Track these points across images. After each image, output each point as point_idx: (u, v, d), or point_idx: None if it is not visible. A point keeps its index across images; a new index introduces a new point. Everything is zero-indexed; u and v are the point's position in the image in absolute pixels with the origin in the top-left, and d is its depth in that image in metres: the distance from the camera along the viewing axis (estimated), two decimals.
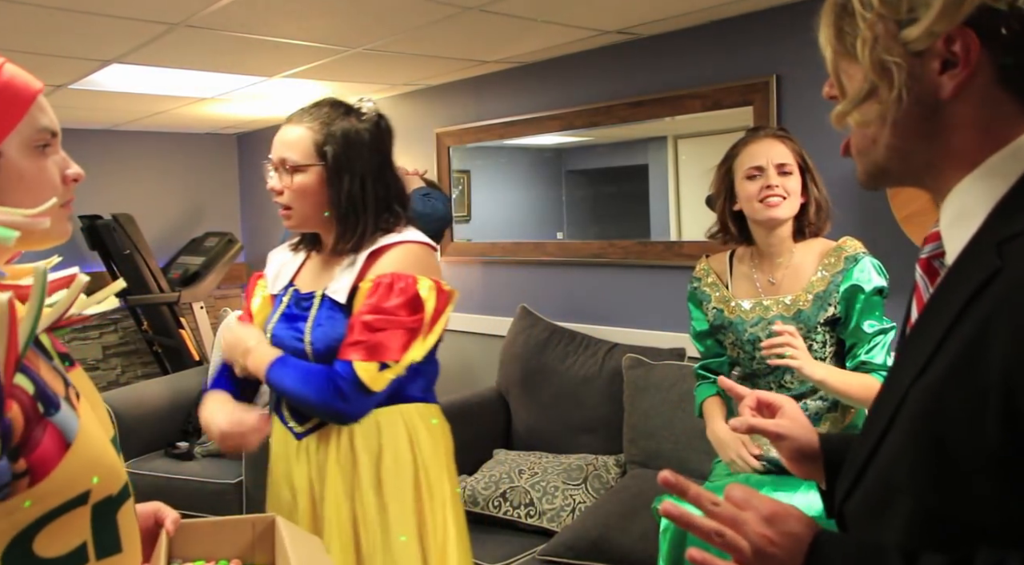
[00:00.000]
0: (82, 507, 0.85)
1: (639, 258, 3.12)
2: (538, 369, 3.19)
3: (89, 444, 0.86)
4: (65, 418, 0.84)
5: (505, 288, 3.68)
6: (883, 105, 0.76)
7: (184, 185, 5.35)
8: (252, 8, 2.42)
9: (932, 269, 0.88)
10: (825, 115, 0.88)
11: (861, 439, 0.82)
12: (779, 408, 1.10)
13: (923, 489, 0.70)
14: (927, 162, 0.78)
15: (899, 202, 2.31)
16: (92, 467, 0.86)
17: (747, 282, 1.98)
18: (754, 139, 1.92)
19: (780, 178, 1.86)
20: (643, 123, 3.10)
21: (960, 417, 0.67)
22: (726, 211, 1.98)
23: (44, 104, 0.92)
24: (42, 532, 0.82)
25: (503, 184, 3.97)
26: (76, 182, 0.97)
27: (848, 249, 1.90)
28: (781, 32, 2.65)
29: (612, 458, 2.86)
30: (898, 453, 0.73)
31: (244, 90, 3.72)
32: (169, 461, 3.46)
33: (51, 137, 0.93)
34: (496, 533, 2.67)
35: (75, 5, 2.32)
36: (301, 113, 1.67)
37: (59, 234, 0.95)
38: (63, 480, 0.82)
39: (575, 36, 2.96)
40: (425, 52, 3.12)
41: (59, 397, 0.85)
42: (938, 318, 0.74)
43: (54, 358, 0.92)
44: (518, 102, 3.51)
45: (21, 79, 0.90)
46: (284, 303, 1.72)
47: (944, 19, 0.70)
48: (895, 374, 0.80)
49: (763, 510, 0.79)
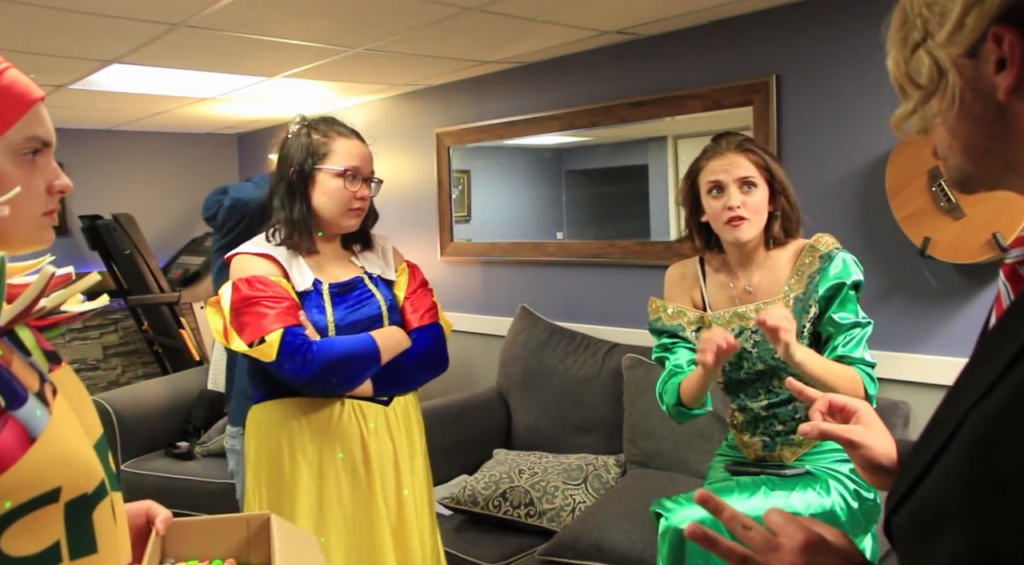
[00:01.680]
0: (53, 505, 0.84)
1: (639, 258, 3.12)
2: (538, 369, 3.19)
3: (59, 441, 0.85)
4: (30, 413, 0.83)
5: (505, 288, 3.68)
6: (942, 109, 0.73)
7: (184, 185, 5.35)
8: (252, 8, 2.42)
9: (1018, 276, 0.83)
10: (825, 115, 0.87)
11: (915, 452, 0.76)
12: (853, 413, 1.02)
13: (975, 527, 0.63)
14: (1004, 164, 0.74)
15: (899, 202, 2.31)
16: (61, 464, 0.84)
17: (723, 291, 1.92)
18: (715, 154, 1.84)
19: (743, 195, 1.79)
20: (643, 123, 3.10)
21: (1018, 454, 0.60)
22: (692, 222, 1.93)
23: (42, 114, 0.93)
24: (9, 529, 0.81)
25: (503, 184, 3.97)
26: (62, 193, 0.98)
27: (821, 247, 1.84)
28: (781, 32, 2.65)
29: (612, 458, 2.86)
30: (951, 479, 0.67)
31: (244, 90, 3.72)
32: (169, 461, 3.46)
33: (42, 146, 0.93)
34: (496, 533, 2.67)
35: (75, 5, 2.32)
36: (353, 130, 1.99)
37: (40, 240, 0.96)
38: (26, 476, 0.81)
39: (575, 36, 2.95)
40: (425, 52, 3.12)
41: (27, 392, 0.84)
42: (1012, 335, 0.67)
43: (32, 354, 0.92)
44: (518, 102, 3.51)
45: (21, 86, 0.91)
46: (326, 295, 1.91)
47: (982, 20, 0.67)
48: (959, 389, 0.72)
49: (798, 538, 0.76)
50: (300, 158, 1.89)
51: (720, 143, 1.87)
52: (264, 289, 1.81)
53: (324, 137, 1.91)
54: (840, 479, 1.77)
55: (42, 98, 0.93)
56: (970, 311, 2.32)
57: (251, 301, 1.79)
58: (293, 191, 1.90)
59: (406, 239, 4.21)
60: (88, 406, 0.98)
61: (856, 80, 2.48)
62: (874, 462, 0.96)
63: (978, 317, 2.30)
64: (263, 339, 1.77)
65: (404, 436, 1.96)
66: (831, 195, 2.58)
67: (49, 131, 0.94)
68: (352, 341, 1.87)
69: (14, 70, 0.91)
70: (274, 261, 1.88)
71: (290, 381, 1.81)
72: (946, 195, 2.21)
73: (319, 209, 1.91)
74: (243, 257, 1.89)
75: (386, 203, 3.97)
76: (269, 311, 1.79)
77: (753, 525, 0.79)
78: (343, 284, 1.94)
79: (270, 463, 1.88)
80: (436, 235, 3.98)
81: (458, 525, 2.75)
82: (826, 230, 2.53)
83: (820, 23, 2.55)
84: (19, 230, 0.92)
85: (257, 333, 1.77)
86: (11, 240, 0.93)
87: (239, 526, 1.16)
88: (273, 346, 1.76)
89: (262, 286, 1.81)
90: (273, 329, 1.77)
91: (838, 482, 1.76)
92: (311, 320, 1.87)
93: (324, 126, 1.94)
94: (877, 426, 0.99)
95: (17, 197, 0.89)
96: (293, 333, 1.79)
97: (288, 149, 1.93)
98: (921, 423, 2.42)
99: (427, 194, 4.02)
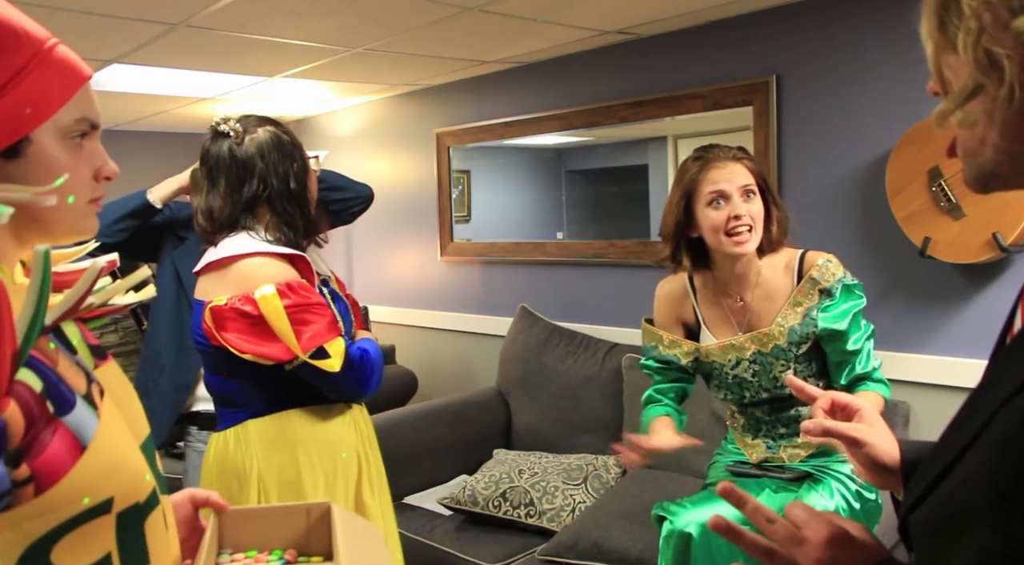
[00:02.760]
0: (105, 516, 0.78)
1: (639, 258, 3.12)
2: (538, 369, 3.19)
3: (109, 447, 0.79)
4: (80, 418, 0.77)
5: (505, 288, 3.68)
6: (992, 102, 0.67)
7: None
8: (252, 8, 2.42)
9: None
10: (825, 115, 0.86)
11: (937, 450, 0.75)
12: (855, 411, 1.00)
13: (1006, 524, 0.62)
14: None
15: (899, 202, 2.31)
16: (112, 472, 0.79)
17: (717, 308, 1.89)
18: (715, 164, 1.78)
19: (745, 204, 1.75)
20: (643, 123, 3.10)
21: None
22: (680, 239, 1.83)
23: (91, 94, 0.86)
24: (60, 542, 0.75)
25: (503, 184, 3.97)
26: (109, 180, 0.91)
27: (821, 279, 1.76)
28: (781, 32, 2.65)
29: (612, 458, 2.86)
30: (980, 474, 0.66)
31: (244, 90, 3.72)
32: (169, 461, 3.45)
33: (90, 129, 0.86)
34: (496, 533, 2.67)
35: (75, 5, 2.32)
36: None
37: (84, 229, 0.89)
38: (76, 487, 0.75)
39: (575, 36, 2.95)
40: (425, 52, 3.12)
41: (76, 395, 0.78)
42: None
43: (79, 352, 0.85)
44: (518, 102, 3.51)
45: (72, 62, 0.83)
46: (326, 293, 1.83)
47: None
48: (987, 388, 0.71)
49: (823, 533, 0.75)
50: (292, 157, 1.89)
51: (715, 154, 1.80)
52: (307, 295, 1.69)
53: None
54: (842, 480, 1.77)
55: (90, 76, 0.87)
56: (970, 311, 2.32)
57: (302, 308, 1.66)
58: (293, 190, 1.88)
59: (406, 239, 4.21)
60: (133, 404, 0.93)
61: (856, 80, 2.48)
62: (877, 461, 0.95)
63: (978, 317, 2.30)
64: (322, 348, 1.67)
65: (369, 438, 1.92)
66: (831, 195, 2.58)
67: (97, 112, 0.87)
68: (372, 343, 1.84)
69: (64, 46, 0.83)
70: (308, 262, 1.80)
71: (349, 391, 1.77)
72: (946, 195, 2.21)
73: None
74: (267, 259, 1.73)
75: (386, 203, 3.98)
76: (320, 319, 1.68)
77: (777, 518, 0.78)
78: (324, 280, 1.89)
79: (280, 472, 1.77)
80: (436, 235, 3.98)
81: (458, 525, 2.75)
82: (826, 230, 2.54)
83: (820, 23, 2.55)
84: (64, 219, 0.86)
85: (316, 342, 1.66)
86: (55, 229, 0.86)
87: (299, 515, 1.10)
88: (339, 356, 1.69)
89: (305, 293, 1.70)
90: (330, 340, 1.69)
91: (840, 483, 1.76)
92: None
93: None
94: (879, 425, 0.98)
95: (64, 185, 0.82)
96: (350, 345, 1.74)
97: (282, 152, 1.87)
98: (921, 423, 2.43)
99: (427, 194, 4.02)
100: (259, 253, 1.72)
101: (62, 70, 0.82)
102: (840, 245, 2.26)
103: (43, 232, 0.85)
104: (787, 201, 2.64)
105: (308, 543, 1.07)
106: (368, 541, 1.08)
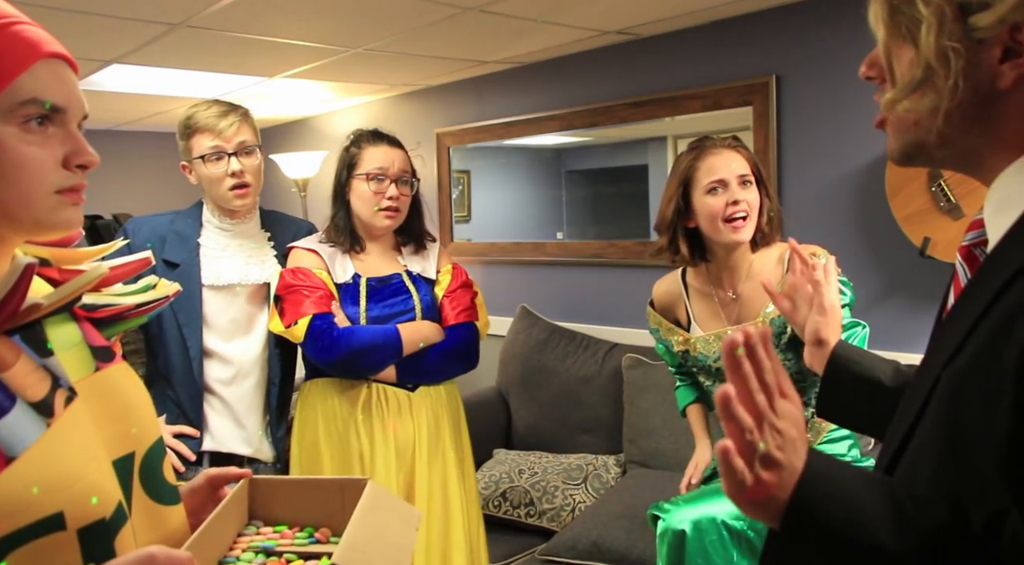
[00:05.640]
0: (60, 533, 0.72)
1: (639, 258, 3.12)
2: (538, 369, 3.19)
3: (53, 459, 0.72)
4: (11, 427, 0.70)
5: (505, 288, 3.68)
6: (938, 93, 0.73)
7: (184, 185, 5.30)
8: (252, 8, 2.42)
9: (973, 256, 0.87)
10: (825, 115, 0.88)
11: (898, 419, 0.80)
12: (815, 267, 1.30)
13: (947, 481, 0.68)
14: (974, 149, 0.76)
15: (899, 202, 2.31)
16: (58, 487, 0.71)
17: (708, 302, 1.92)
18: (712, 151, 1.81)
19: (743, 192, 1.78)
20: (643, 123, 3.10)
21: (978, 403, 0.66)
22: (678, 229, 1.86)
23: (51, 75, 0.79)
24: (13, 556, 0.69)
25: (503, 184, 3.97)
26: (85, 168, 0.82)
27: None
28: (781, 32, 2.65)
29: (612, 458, 2.86)
30: (927, 441, 0.72)
31: (244, 90, 3.72)
32: None
33: (48, 111, 0.77)
34: (496, 533, 2.67)
35: (75, 5, 2.32)
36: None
37: (57, 222, 0.80)
38: (3, 501, 0.68)
39: (575, 36, 2.96)
40: (425, 52, 3.12)
41: (15, 401, 0.72)
42: (973, 304, 0.72)
43: (57, 354, 0.79)
44: (518, 102, 3.51)
45: (28, 39, 0.76)
46: (363, 289, 2.10)
47: (1020, 8, 0.67)
48: (930, 358, 0.78)
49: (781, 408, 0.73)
50: (339, 169, 2.17)
51: (713, 142, 1.84)
52: (304, 279, 2.03)
53: (357, 148, 2.16)
54: None
55: (48, 55, 0.78)
56: None
57: (291, 289, 2.02)
58: (336, 199, 2.17)
59: None
60: (131, 412, 0.86)
61: (856, 80, 2.47)
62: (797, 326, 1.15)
63: None
64: (296, 322, 1.99)
65: (425, 423, 2.11)
66: (831, 195, 2.58)
67: (68, 95, 0.80)
68: (375, 330, 2.04)
69: (22, 26, 0.76)
70: (319, 255, 2.10)
71: (314, 361, 2.07)
72: (946, 195, 2.21)
73: (356, 212, 2.14)
74: (296, 251, 2.12)
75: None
76: (305, 298, 2.01)
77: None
78: (381, 279, 2.14)
79: (307, 428, 2.10)
80: (436, 235, 3.98)
81: None
82: (826, 230, 2.54)
83: (820, 23, 2.55)
84: (25, 212, 0.77)
85: (293, 317, 2.00)
86: (18, 225, 0.78)
87: (332, 491, 1.03)
88: (302, 329, 1.99)
89: (303, 276, 2.04)
90: (305, 314, 1.99)
91: None
92: (345, 311, 2.08)
93: (361, 138, 2.18)
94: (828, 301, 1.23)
95: (18, 173, 0.75)
96: (321, 319, 1.99)
97: (337, 164, 2.20)
98: None
99: (427, 194, 4.00)
100: (295, 246, 2.13)
101: (13, 47, 0.75)
102: (840, 245, 2.26)
103: (12, 228, 0.79)
104: (787, 201, 2.65)
105: (341, 522, 0.98)
106: (390, 524, 1.00)
